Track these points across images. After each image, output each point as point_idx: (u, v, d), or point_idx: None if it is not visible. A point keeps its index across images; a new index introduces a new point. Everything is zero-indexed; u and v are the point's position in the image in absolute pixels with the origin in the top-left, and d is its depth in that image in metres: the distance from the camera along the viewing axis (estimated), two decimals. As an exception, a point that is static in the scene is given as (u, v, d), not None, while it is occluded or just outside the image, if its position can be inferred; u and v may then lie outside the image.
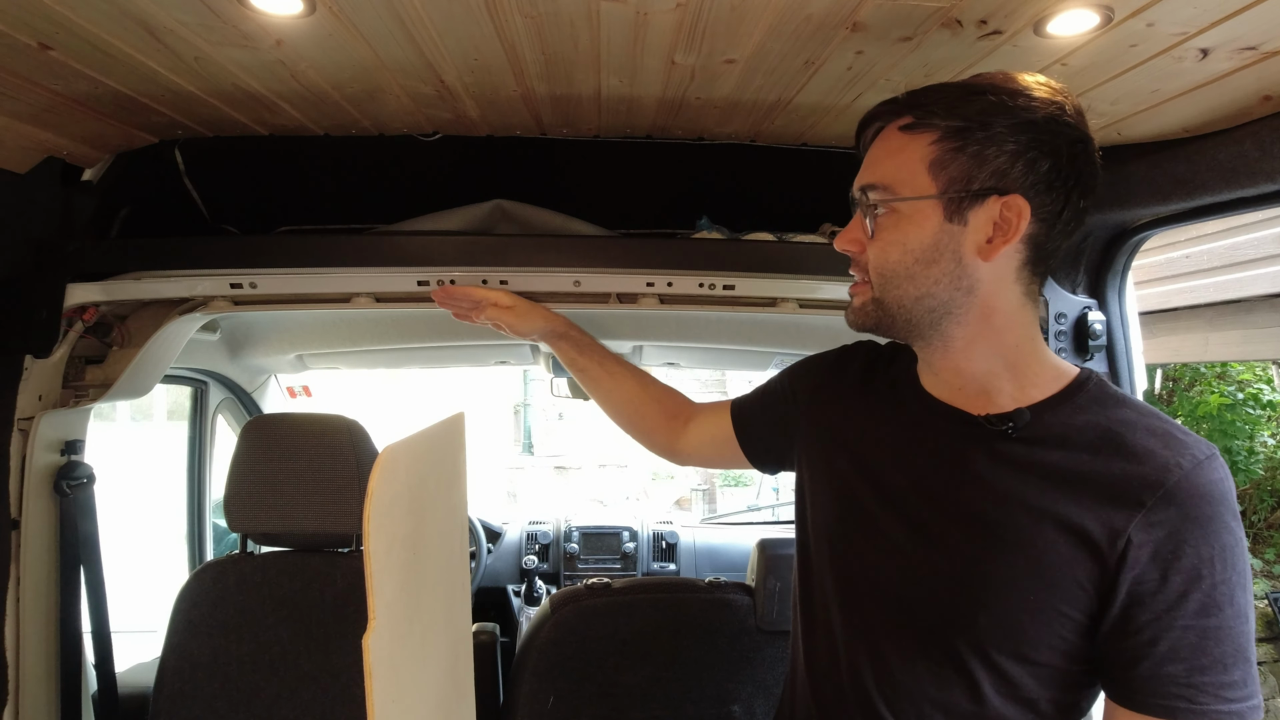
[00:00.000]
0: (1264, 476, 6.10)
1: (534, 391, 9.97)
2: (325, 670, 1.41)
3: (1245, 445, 5.86)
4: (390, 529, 0.71)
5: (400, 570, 0.73)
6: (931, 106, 0.77)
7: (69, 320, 1.25)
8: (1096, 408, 0.80)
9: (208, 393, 2.29)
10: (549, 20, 0.90)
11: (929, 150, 0.77)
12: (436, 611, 0.85)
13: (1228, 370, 6.17)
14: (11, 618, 1.21)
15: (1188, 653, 0.71)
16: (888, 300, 0.82)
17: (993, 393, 0.83)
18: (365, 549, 0.66)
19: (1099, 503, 0.74)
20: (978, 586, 0.78)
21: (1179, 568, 0.71)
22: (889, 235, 0.80)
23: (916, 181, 0.78)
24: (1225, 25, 0.80)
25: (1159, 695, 0.71)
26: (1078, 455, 0.77)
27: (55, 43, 0.92)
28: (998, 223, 0.77)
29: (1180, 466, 0.73)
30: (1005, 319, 0.82)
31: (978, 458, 0.81)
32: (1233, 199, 1.06)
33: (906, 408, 0.90)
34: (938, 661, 0.81)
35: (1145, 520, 0.72)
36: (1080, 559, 0.74)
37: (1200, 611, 0.71)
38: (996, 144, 0.75)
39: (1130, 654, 0.73)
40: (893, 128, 0.81)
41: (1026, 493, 0.77)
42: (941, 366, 0.86)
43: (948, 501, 0.82)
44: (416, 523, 0.79)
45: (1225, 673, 0.71)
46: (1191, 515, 0.72)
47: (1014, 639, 0.77)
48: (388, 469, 0.70)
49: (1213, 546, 0.71)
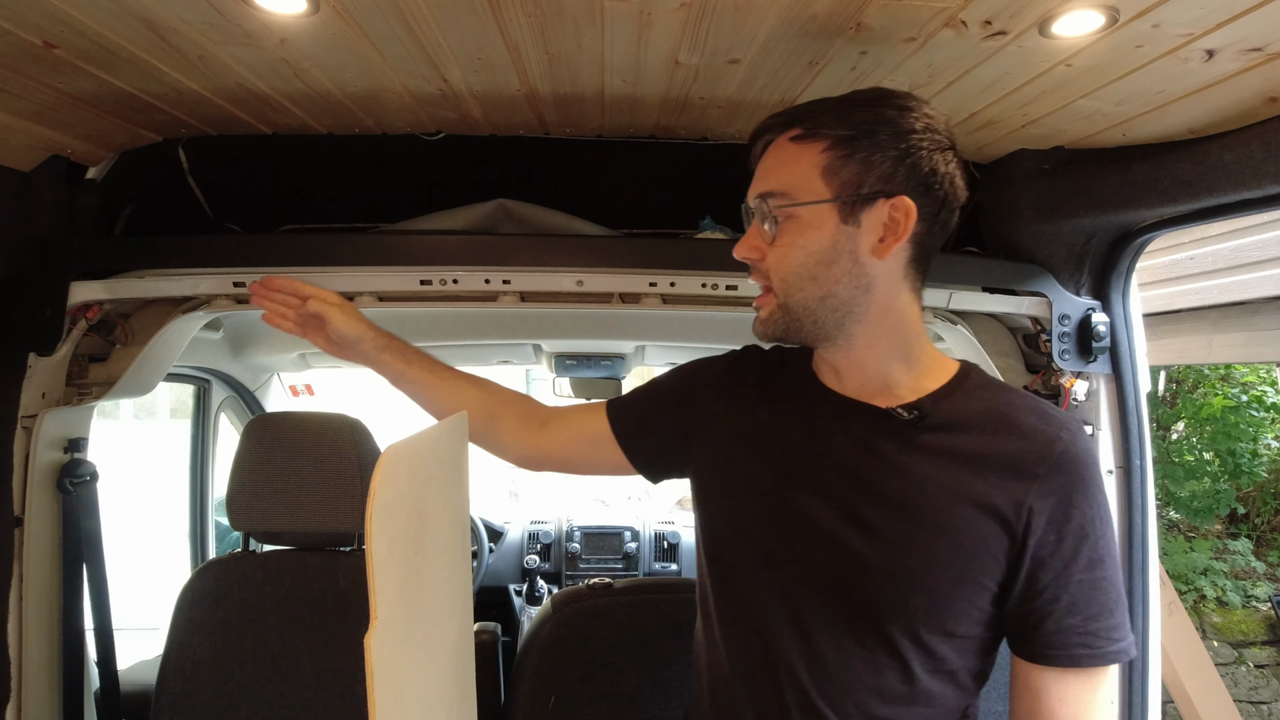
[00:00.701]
0: (1268, 479, 6.08)
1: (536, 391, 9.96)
2: (326, 669, 1.41)
3: (1249, 448, 5.85)
4: (392, 528, 0.71)
5: (402, 569, 0.73)
6: (821, 117, 0.83)
7: (72, 318, 1.26)
8: (983, 393, 0.89)
9: (210, 391, 2.30)
10: (552, 19, 0.90)
11: (821, 158, 0.83)
12: (438, 611, 0.85)
13: (1232, 372, 6.15)
14: (14, 615, 1.21)
15: (1082, 604, 0.81)
16: (793, 304, 0.87)
17: (893, 386, 0.90)
18: (367, 548, 0.66)
19: (1002, 478, 0.82)
20: (909, 569, 0.83)
21: (1070, 529, 0.81)
22: (789, 239, 0.85)
23: (812, 187, 0.83)
24: (1231, 26, 0.80)
25: (1064, 647, 0.81)
26: (978, 437, 0.85)
27: (60, 41, 0.92)
28: (887, 223, 0.83)
29: (1061, 439, 0.83)
30: (899, 315, 0.88)
31: (892, 448, 0.87)
32: (1238, 201, 1.06)
33: (815, 406, 0.94)
34: (871, 648, 0.85)
35: (1040, 489, 0.81)
36: (993, 532, 0.82)
37: (1089, 565, 0.81)
38: (881, 150, 0.82)
39: (1037, 614, 0.82)
40: (783, 139, 0.86)
41: (941, 476, 0.84)
42: (845, 365, 0.91)
43: (873, 491, 0.86)
44: (419, 522, 0.79)
45: (1112, 616, 0.82)
46: (1075, 480, 0.82)
47: (942, 616, 0.83)
48: (390, 468, 0.70)
49: (1093, 506, 0.82)
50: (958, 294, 1.32)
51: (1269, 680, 5.08)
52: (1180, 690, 4.09)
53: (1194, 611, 5.40)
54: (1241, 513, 6.23)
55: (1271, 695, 5.02)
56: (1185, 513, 6.01)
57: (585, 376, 2.44)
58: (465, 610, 0.93)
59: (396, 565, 0.72)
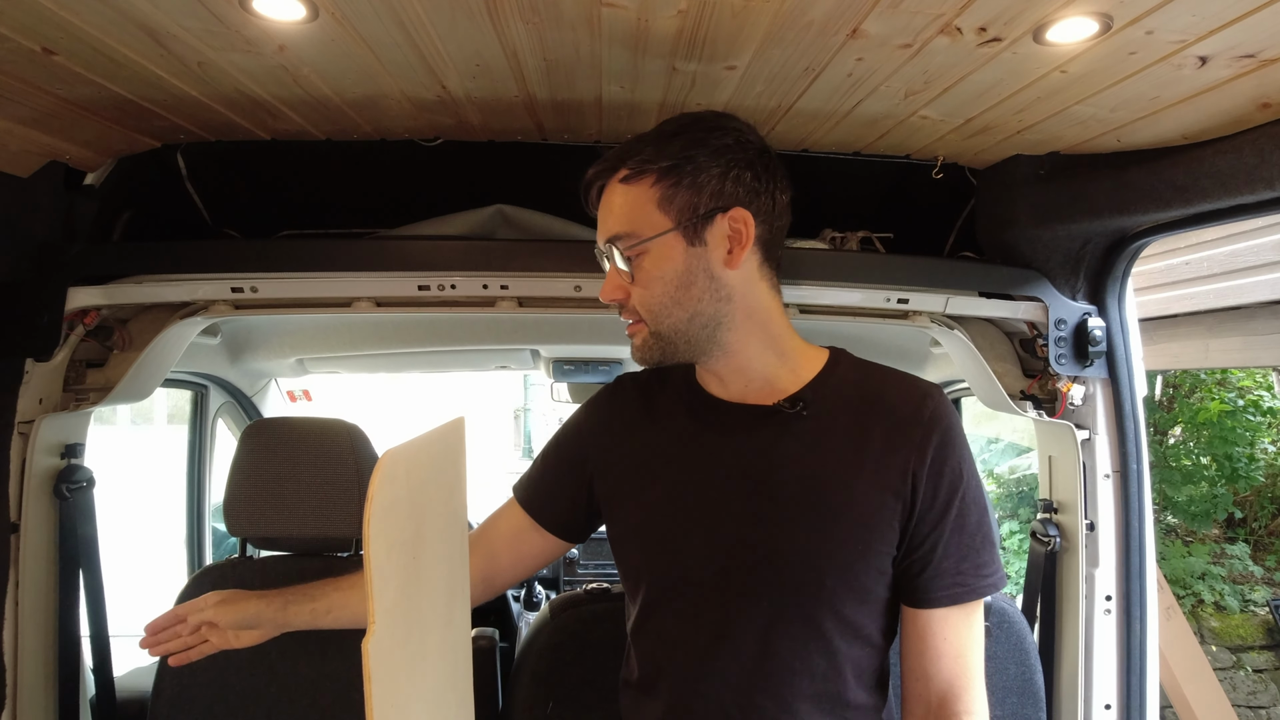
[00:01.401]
0: (1264, 484, 6.09)
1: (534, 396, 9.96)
2: (323, 674, 1.40)
3: (1246, 452, 5.86)
4: (390, 534, 0.71)
5: (400, 575, 0.73)
6: (642, 157, 0.89)
7: (70, 324, 1.25)
8: (855, 374, 0.96)
9: (208, 396, 2.29)
10: (550, 26, 0.90)
11: (653, 192, 0.89)
12: (436, 616, 0.84)
13: (1228, 377, 6.17)
14: (10, 621, 1.20)
15: (954, 548, 0.89)
16: (664, 330, 0.91)
17: (774, 381, 0.95)
18: (365, 553, 0.66)
19: (886, 449, 0.89)
20: (820, 553, 0.89)
21: (943, 483, 0.89)
22: (647, 274, 0.90)
23: (653, 221, 0.89)
24: (1224, 33, 0.81)
25: (943, 588, 0.89)
26: (858, 417, 0.91)
27: (59, 47, 0.92)
28: (731, 234, 0.90)
29: (927, 405, 0.91)
30: (764, 314, 0.94)
31: (783, 441, 0.92)
32: (1232, 206, 1.06)
33: (703, 417, 0.98)
34: (795, 634, 0.89)
35: (919, 454, 0.89)
36: (889, 503, 0.88)
37: (960, 513, 0.89)
38: (705, 171, 0.88)
39: (919, 563, 0.90)
40: (613, 183, 0.92)
41: (832, 460, 0.90)
42: (727, 372, 0.96)
43: (772, 486, 0.90)
44: (416, 527, 0.79)
45: (979, 555, 0.90)
46: (944, 439, 0.89)
47: (854, 587, 0.89)
48: (388, 473, 0.70)
49: (960, 459, 0.90)
50: (954, 299, 1.33)
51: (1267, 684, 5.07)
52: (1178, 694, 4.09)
53: (1192, 616, 5.40)
54: (1239, 517, 6.24)
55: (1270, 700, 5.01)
56: (1183, 517, 6.02)
57: (583, 381, 2.44)
58: (463, 615, 0.93)
59: (394, 570, 0.72)
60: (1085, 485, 1.35)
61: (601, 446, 1.05)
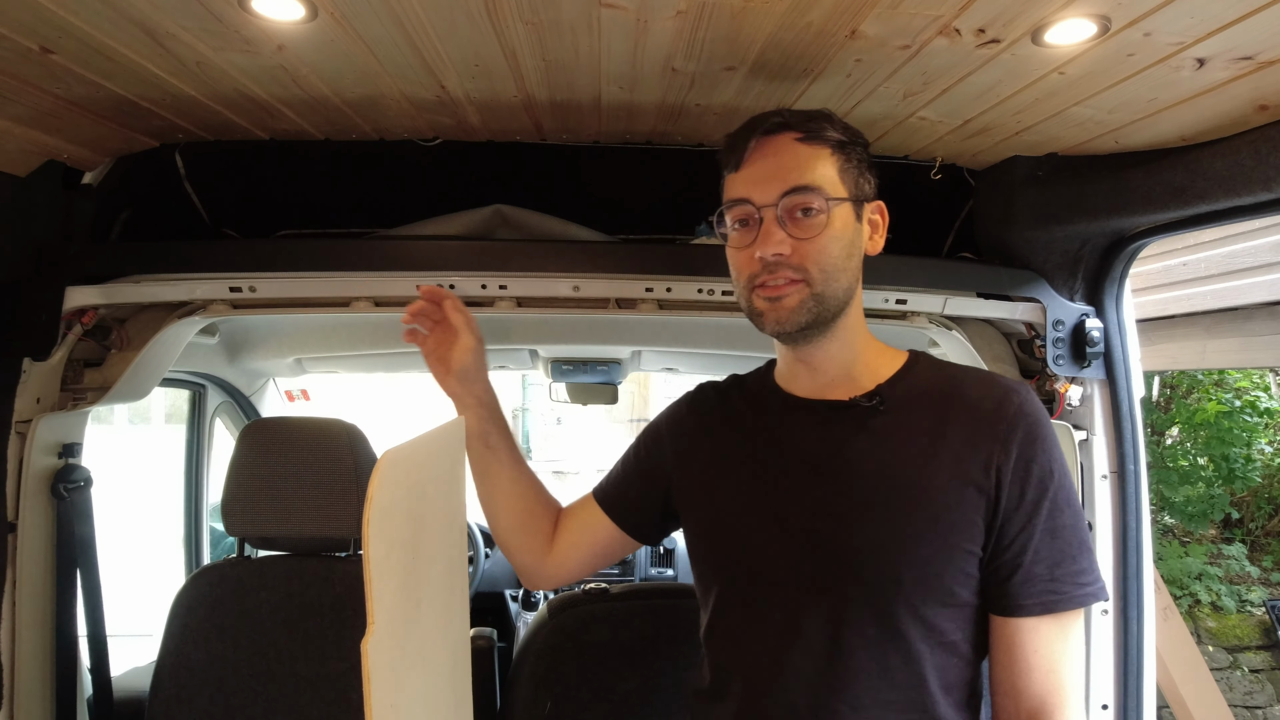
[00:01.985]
0: (1261, 484, 6.10)
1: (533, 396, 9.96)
2: (322, 675, 1.40)
3: (1243, 453, 5.87)
4: (389, 534, 0.71)
5: (399, 575, 0.73)
6: (815, 125, 0.89)
7: (68, 323, 1.25)
8: (932, 374, 0.94)
9: (206, 396, 2.29)
10: (549, 27, 0.90)
11: (833, 160, 0.90)
12: (435, 616, 0.84)
13: (1225, 378, 6.18)
14: (7, 621, 1.20)
15: (1046, 553, 0.84)
16: (828, 293, 0.89)
17: (856, 377, 0.95)
18: (365, 553, 0.66)
19: (967, 445, 0.86)
20: (897, 549, 0.85)
21: (1031, 481, 0.85)
22: (831, 232, 0.89)
23: (837, 185, 0.90)
24: (1221, 35, 0.81)
25: (1033, 596, 0.84)
26: (936, 411, 0.89)
27: (57, 46, 0.92)
28: (873, 222, 0.95)
29: (1012, 400, 0.88)
30: (859, 308, 0.96)
31: (859, 436, 0.91)
32: (1229, 207, 1.07)
33: (776, 413, 0.98)
34: (872, 635, 0.86)
35: (1003, 449, 0.85)
36: (970, 498, 0.85)
37: (1050, 515, 0.84)
38: (862, 159, 0.92)
39: (1007, 567, 0.85)
40: (785, 139, 0.90)
41: (909, 455, 0.88)
42: (820, 359, 0.95)
43: (846, 481, 0.89)
44: (415, 527, 0.79)
45: (1076, 562, 0.85)
46: (1032, 436, 0.86)
47: (934, 586, 0.85)
48: (387, 474, 0.70)
49: (1050, 459, 0.86)
50: (953, 299, 1.33)
51: (1264, 685, 5.09)
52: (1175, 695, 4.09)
53: (1189, 616, 5.41)
54: (1236, 518, 6.25)
55: (1266, 700, 5.03)
56: (1180, 518, 6.03)
57: (581, 382, 2.44)
58: (462, 616, 0.93)
59: (393, 571, 0.72)
60: (1083, 486, 1.35)
61: (679, 449, 1.06)
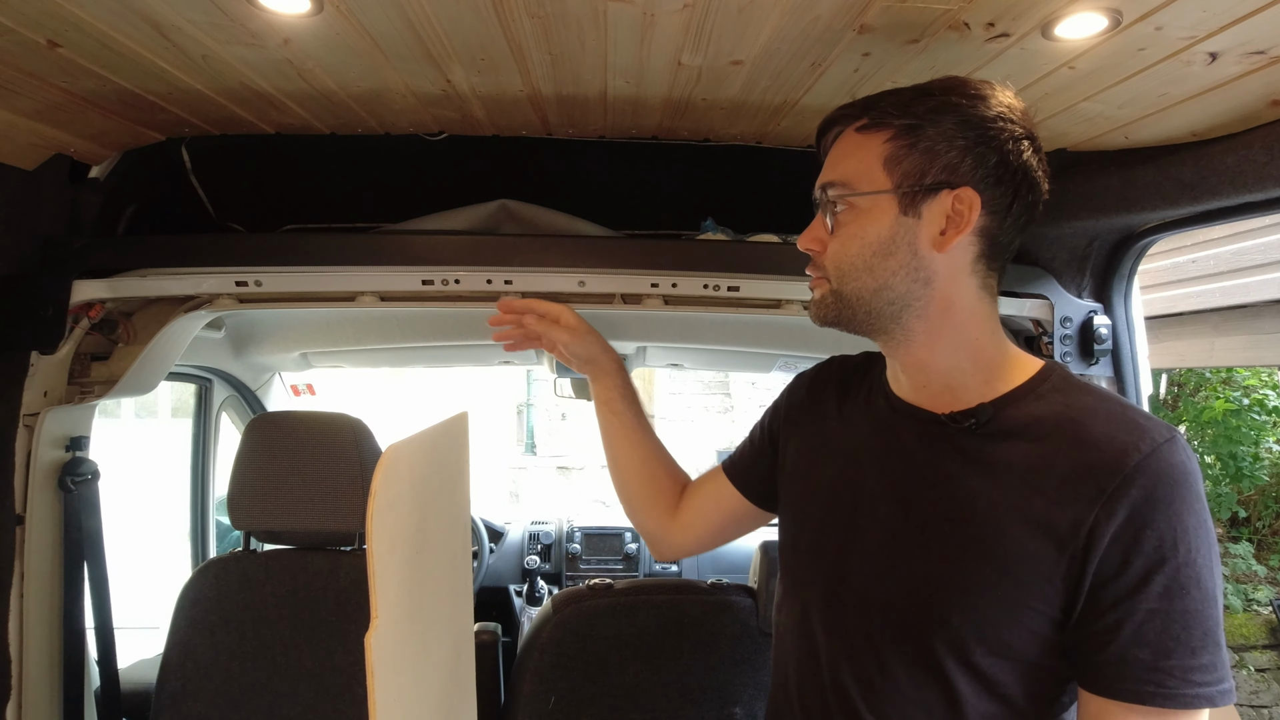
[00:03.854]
0: (1269, 483, 6.07)
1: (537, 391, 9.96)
2: (327, 668, 1.41)
3: (1251, 451, 5.84)
4: (393, 528, 0.71)
5: (403, 569, 0.73)
6: (886, 107, 0.81)
7: (75, 317, 1.26)
8: (1058, 396, 0.81)
9: (212, 390, 2.30)
10: (556, 21, 0.90)
11: (884, 148, 0.81)
12: (439, 610, 0.85)
13: (1233, 376, 6.15)
14: (15, 613, 1.21)
15: (1153, 637, 0.71)
16: (846, 292, 0.84)
17: (958, 389, 0.84)
18: (369, 547, 0.66)
19: (1062, 494, 0.74)
20: (950, 587, 0.78)
21: (1140, 550, 0.71)
22: (848, 230, 0.83)
23: (872, 177, 0.81)
24: (1234, 29, 0.80)
25: (1127, 680, 0.71)
26: (1040, 447, 0.77)
27: (64, 40, 0.92)
28: (950, 215, 0.80)
29: (1139, 450, 0.73)
30: (965, 313, 0.83)
31: (945, 457, 0.82)
32: (1240, 204, 1.06)
33: (878, 413, 0.92)
34: (916, 666, 0.81)
35: (1106, 507, 0.72)
36: (1048, 553, 0.74)
37: (1164, 594, 0.71)
38: (947, 140, 0.78)
39: (1097, 640, 0.73)
40: (850, 130, 0.85)
41: (993, 490, 0.78)
42: (906, 364, 0.87)
43: (918, 505, 0.83)
44: (419, 522, 0.79)
45: (1193, 656, 0.70)
46: (1151, 497, 0.71)
47: (988, 637, 0.77)
48: (391, 468, 0.70)
49: (1175, 528, 0.71)
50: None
51: (1270, 684, 5.07)
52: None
53: (1195, 615, 5.38)
54: (1243, 516, 6.22)
55: (1272, 699, 5.01)
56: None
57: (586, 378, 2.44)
58: (466, 610, 0.93)
59: (397, 565, 0.72)
60: None
61: (791, 420, 1.04)
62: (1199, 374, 6.30)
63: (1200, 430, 6.10)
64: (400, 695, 0.70)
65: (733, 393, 9.83)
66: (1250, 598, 5.59)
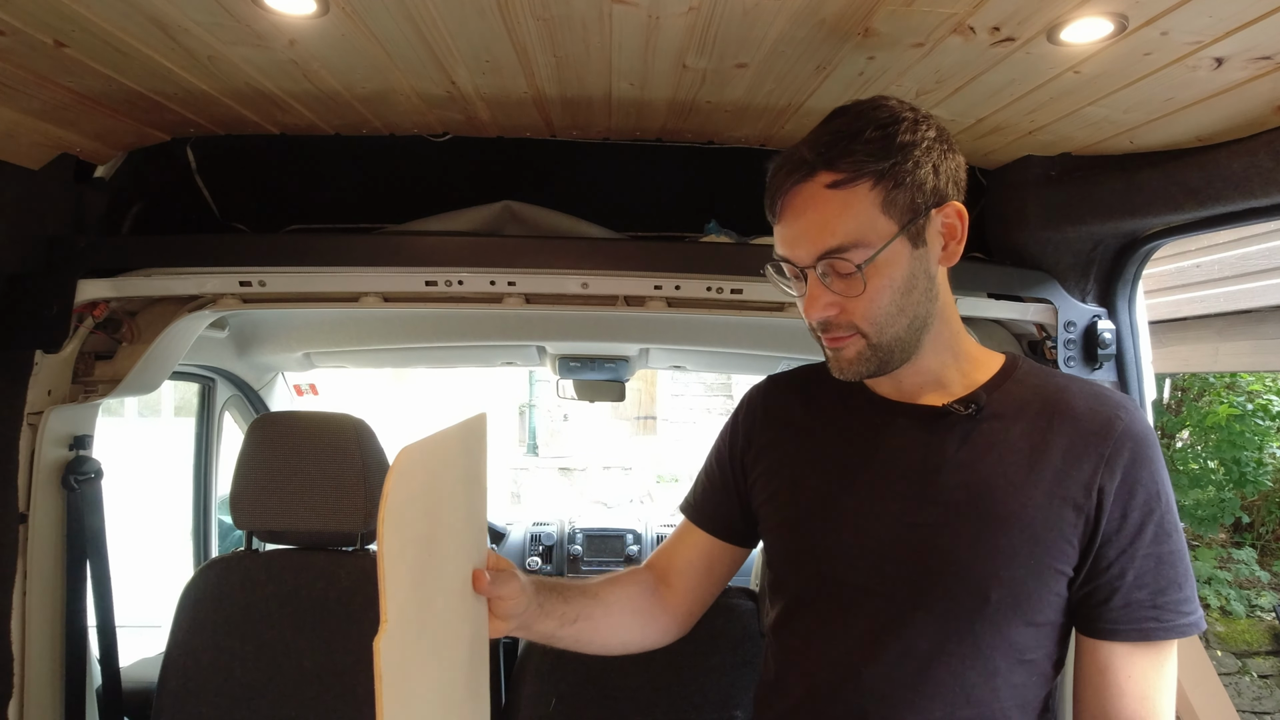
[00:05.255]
0: (1273, 488, 6.05)
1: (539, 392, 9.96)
2: (328, 668, 1.41)
3: (1254, 456, 5.82)
4: (405, 531, 0.70)
5: (414, 572, 0.73)
6: (853, 157, 0.80)
7: (79, 316, 1.26)
8: (1032, 381, 0.90)
9: (215, 390, 2.30)
10: (561, 23, 0.90)
11: (874, 195, 0.80)
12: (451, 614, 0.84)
13: (1237, 381, 6.13)
14: (17, 611, 1.21)
15: (1149, 578, 0.81)
16: (885, 340, 0.85)
17: (946, 383, 0.90)
18: (379, 549, 0.66)
19: (1068, 462, 0.83)
20: (984, 564, 0.82)
21: (1134, 504, 0.82)
22: (874, 284, 0.82)
23: (879, 227, 0.81)
24: (1240, 34, 0.80)
25: (1132, 621, 0.81)
26: (1035, 424, 0.85)
27: (70, 40, 0.92)
28: (945, 230, 0.85)
29: (1120, 418, 0.84)
30: (950, 310, 0.90)
31: (952, 444, 0.87)
32: (1245, 209, 1.05)
33: (866, 415, 0.93)
34: (951, 648, 0.83)
35: (1107, 468, 0.82)
36: (1066, 516, 0.82)
37: (1155, 540, 0.82)
38: (922, 167, 0.82)
39: (1105, 590, 0.82)
40: (815, 189, 0.81)
41: (1005, 467, 0.84)
42: (905, 373, 0.90)
43: (937, 491, 0.86)
44: (433, 524, 0.78)
45: (1180, 590, 0.82)
46: (1138, 457, 0.82)
47: (1023, 606, 0.82)
48: (404, 470, 0.69)
49: (1157, 481, 0.83)
50: (963, 300, 1.32)
51: (1272, 690, 5.05)
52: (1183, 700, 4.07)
53: (1197, 620, 5.36)
54: (1246, 522, 6.20)
55: (1275, 705, 4.99)
56: (1189, 521, 5.98)
57: (589, 379, 2.44)
58: (480, 613, 0.92)
59: (408, 568, 0.71)
60: None
61: (756, 444, 1.02)
62: (1203, 379, 6.29)
63: (1204, 435, 6.08)
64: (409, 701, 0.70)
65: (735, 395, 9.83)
66: (1254, 604, 5.57)
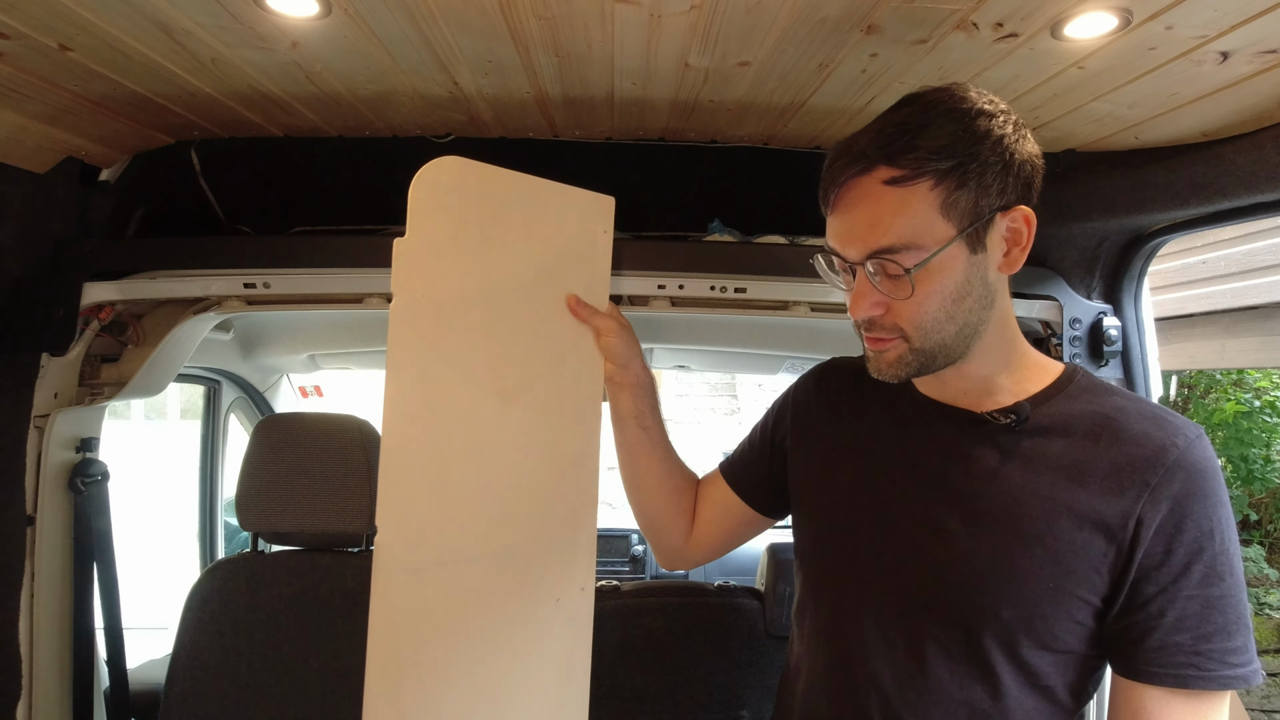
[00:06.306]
0: (1281, 485, 6.03)
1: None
2: (335, 669, 1.41)
3: (1261, 453, 5.80)
4: (419, 285, 0.56)
5: (431, 344, 0.61)
6: (916, 153, 0.75)
7: (85, 319, 1.26)
8: (1088, 396, 0.84)
9: (220, 392, 2.31)
10: (562, 23, 0.90)
11: (934, 196, 0.76)
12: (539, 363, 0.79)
13: (1244, 378, 6.10)
14: (25, 613, 1.22)
15: (1193, 622, 0.75)
16: (930, 345, 0.81)
17: (994, 391, 0.86)
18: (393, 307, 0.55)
19: (1108, 488, 0.77)
20: (1000, 580, 0.79)
21: (1182, 540, 0.75)
22: (924, 288, 0.78)
23: (936, 230, 0.76)
24: (1246, 28, 0.79)
25: (1168, 665, 0.75)
26: (1080, 443, 0.80)
27: (75, 44, 0.92)
28: (1009, 236, 0.79)
29: (1176, 446, 0.77)
30: (1007, 317, 0.85)
31: (987, 454, 0.83)
32: (1252, 204, 1.05)
33: (907, 414, 0.91)
34: (959, 659, 0.82)
35: (1151, 499, 0.76)
36: (1096, 544, 0.77)
37: (1203, 581, 0.75)
38: (989, 169, 0.76)
39: (1139, 628, 0.76)
40: (872, 183, 0.77)
41: (1038, 484, 0.80)
42: (951, 374, 0.86)
43: (964, 499, 0.83)
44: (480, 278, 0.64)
45: (1229, 639, 0.75)
46: (1191, 491, 0.76)
47: (1037, 629, 0.79)
48: (444, 181, 0.53)
49: (1211, 519, 0.76)
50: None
51: (1282, 688, 5.02)
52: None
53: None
54: (1254, 519, 6.17)
55: (1284, 704, 4.96)
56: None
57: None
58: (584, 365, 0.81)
59: (419, 336, 0.58)
60: None
61: (799, 426, 1.02)
62: (1209, 376, 6.26)
63: (1211, 432, 6.06)
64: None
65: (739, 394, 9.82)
66: (1262, 601, 5.54)
